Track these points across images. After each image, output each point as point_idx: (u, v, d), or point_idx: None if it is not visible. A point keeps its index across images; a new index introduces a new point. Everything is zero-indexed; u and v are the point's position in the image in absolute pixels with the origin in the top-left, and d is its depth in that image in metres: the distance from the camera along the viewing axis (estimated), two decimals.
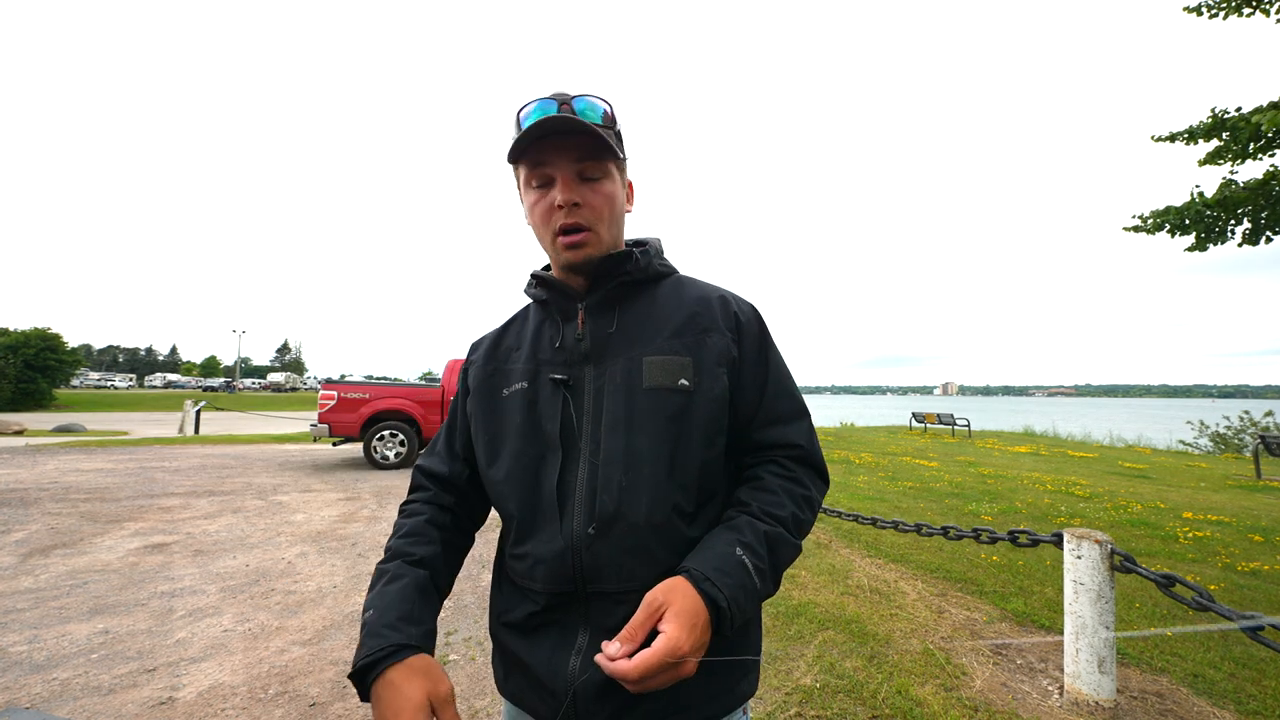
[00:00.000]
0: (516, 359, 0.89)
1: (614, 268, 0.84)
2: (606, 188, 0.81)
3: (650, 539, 0.73)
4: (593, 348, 0.82)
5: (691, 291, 0.88)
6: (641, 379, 0.78)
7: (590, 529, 0.73)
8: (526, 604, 0.78)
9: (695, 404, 0.77)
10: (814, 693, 2.39)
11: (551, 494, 0.76)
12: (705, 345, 0.81)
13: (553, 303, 0.88)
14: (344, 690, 2.41)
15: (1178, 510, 6.21)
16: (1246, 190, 4.53)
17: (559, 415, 0.79)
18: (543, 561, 0.75)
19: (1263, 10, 4.33)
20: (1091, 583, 2.37)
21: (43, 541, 4.39)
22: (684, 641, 0.60)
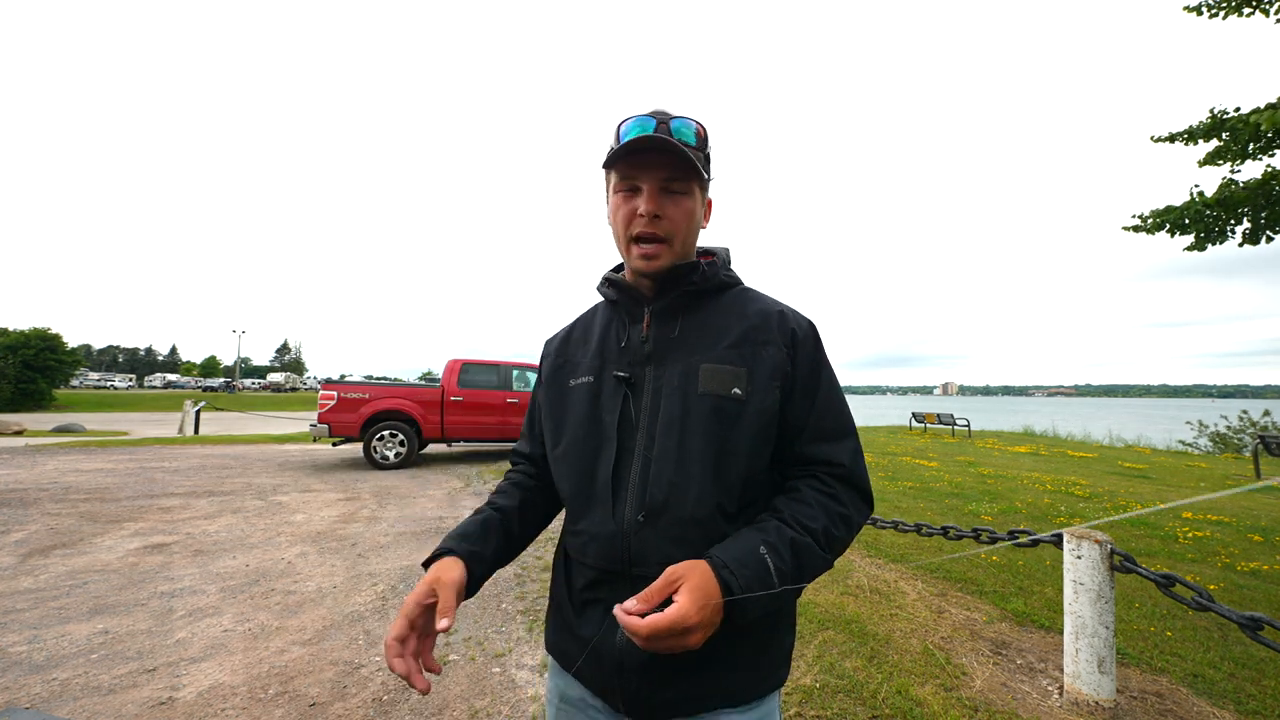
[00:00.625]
0: (584, 354, 0.97)
1: (681, 277, 0.90)
2: (687, 204, 0.86)
3: (693, 531, 0.79)
4: (655, 350, 0.89)
5: (752, 305, 0.92)
6: (697, 384, 0.84)
7: (640, 516, 0.81)
8: (580, 576, 0.88)
9: (746, 413, 0.82)
10: (814, 692, 2.39)
11: (606, 481, 0.84)
12: (760, 358, 0.85)
13: (621, 304, 0.96)
14: (344, 690, 2.41)
15: (1177, 510, 6.21)
16: (1246, 190, 4.53)
17: (618, 410, 0.87)
18: (595, 540, 0.84)
19: (1262, 10, 4.33)
20: (1091, 583, 2.37)
21: (42, 542, 4.39)
22: (692, 615, 0.65)
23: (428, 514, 5.62)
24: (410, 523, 5.24)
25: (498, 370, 9.51)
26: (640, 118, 0.85)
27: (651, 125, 0.84)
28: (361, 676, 2.53)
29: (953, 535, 2.99)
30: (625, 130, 0.85)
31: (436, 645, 2.81)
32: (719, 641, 0.75)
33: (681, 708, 0.79)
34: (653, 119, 0.85)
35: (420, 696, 2.38)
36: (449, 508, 5.90)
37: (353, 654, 2.73)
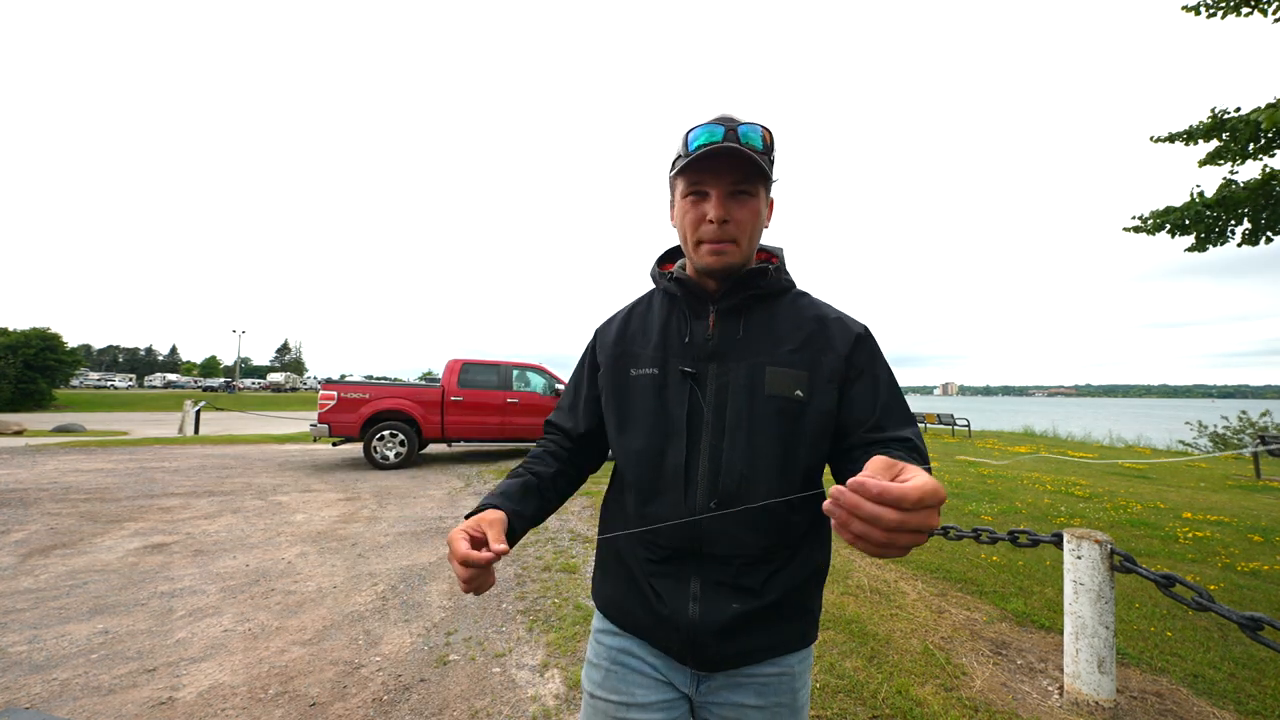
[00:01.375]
0: (645, 344, 1.01)
1: (750, 280, 0.95)
2: (753, 205, 0.89)
3: (762, 518, 0.88)
4: (721, 348, 0.94)
5: (810, 310, 0.98)
6: (764, 385, 0.90)
7: (712, 504, 0.88)
8: (648, 550, 0.94)
9: (807, 414, 0.89)
10: (814, 693, 2.39)
11: (678, 470, 0.90)
12: (820, 363, 0.91)
13: (684, 299, 0.99)
14: (344, 690, 2.41)
15: (1177, 510, 6.21)
16: (1246, 190, 4.53)
17: (686, 404, 0.92)
18: (667, 527, 0.91)
19: (1261, 10, 4.33)
20: (1091, 583, 2.37)
21: (42, 542, 4.39)
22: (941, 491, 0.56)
23: (428, 514, 5.61)
24: (410, 523, 5.24)
25: (498, 370, 9.50)
26: (708, 125, 0.87)
27: (720, 133, 0.86)
28: (362, 676, 2.53)
29: (953, 536, 2.99)
30: (694, 137, 0.87)
31: (436, 646, 2.82)
32: (773, 600, 0.89)
33: (749, 657, 0.90)
34: (721, 126, 0.86)
35: (420, 696, 2.39)
36: (449, 508, 5.90)
37: (353, 654, 2.73)
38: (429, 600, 3.43)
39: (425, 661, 2.68)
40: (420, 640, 2.90)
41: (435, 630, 3.01)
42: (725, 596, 0.89)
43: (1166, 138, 5.09)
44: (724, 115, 0.89)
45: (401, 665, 2.63)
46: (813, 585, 0.96)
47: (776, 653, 0.92)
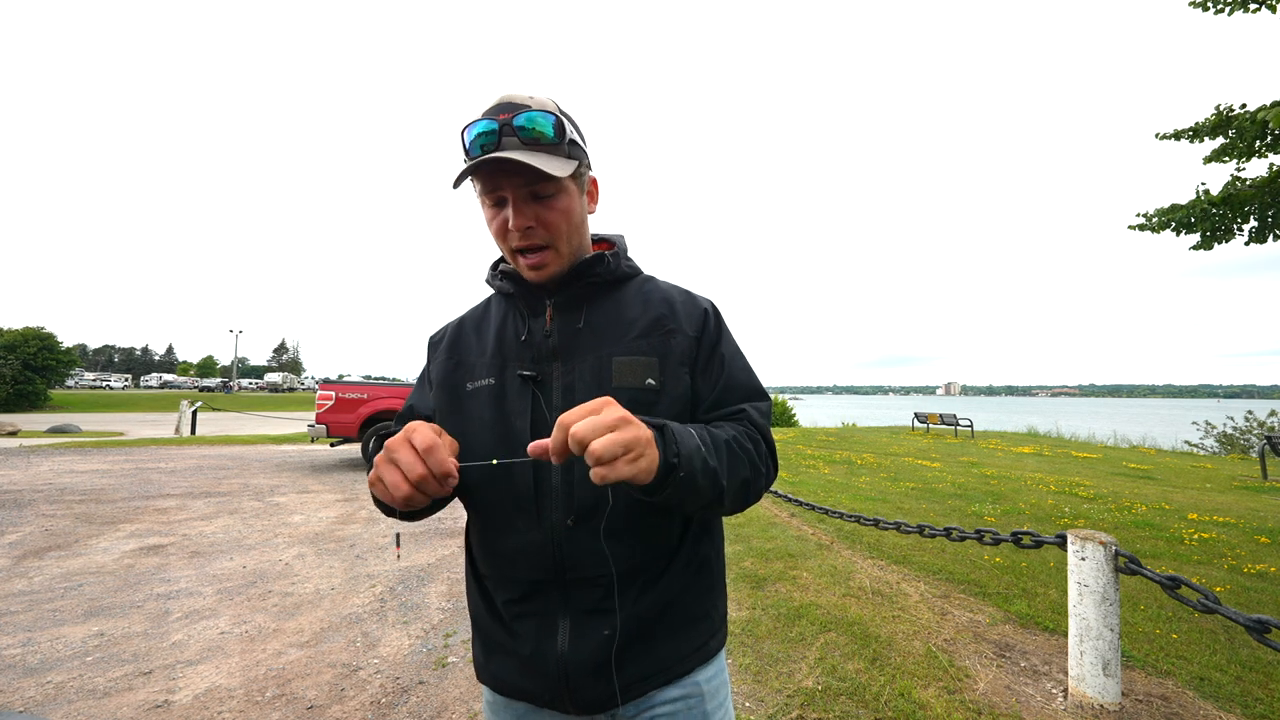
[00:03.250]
0: (480, 353, 0.91)
1: (583, 271, 0.87)
2: (561, 203, 0.81)
3: (626, 531, 0.79)
4: (561, 344, 0.85)
5: (656, 293, 0.92)
6: (611, 378, 0.82)
7: (569, 521, 0.79)
8: (503, 591, 0.84)
9: (661, 402, 0.82)
10: (816, 695, 2.36)
11: (528, 490, 0.80)
12: (670, 346, 0.85)
13: (519, 297, 0.90)
14: (342, 693, 2.39)
15: (1183, 511, 6.18)
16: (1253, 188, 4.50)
17: (529, 412, 0.82)
18: (523, 552, 0.81)
19: (1269, 6, 4.30)
20: (1096, 585, 2.34)
21: (37, 543, 4.37)
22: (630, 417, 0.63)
23: None
24: (409, 525, 5.21)
25: None
26: (482, 120, 0.77)
27: (494, 129, 0.76)
28: (360, 679, 2.51)
29: (955, 537, 2.97)
30: (469, 138, 0.77)
31: (434, 648, 2.79)
32: (653, 616, 0.80)
33: (640, 687, 0.80)
34: (495, 121, 0.76)
35: (419, 698, 2.36)
36: (448, 508, 5.87)
37: (351, 656, 2.71)
38: (428, 602, 3.41)
39: (424, 664, 2.66)
40: (419, 642, 2.87)
41: (434, 632, 2.99)
42: (595, 623, 0.79)
43: (1172, 135, 5.07)
44: (503, 99, 0.79)
45: (400, 667, 2.61)
46: (704, 584, 0.87)
47: (673, 674, 0.82)
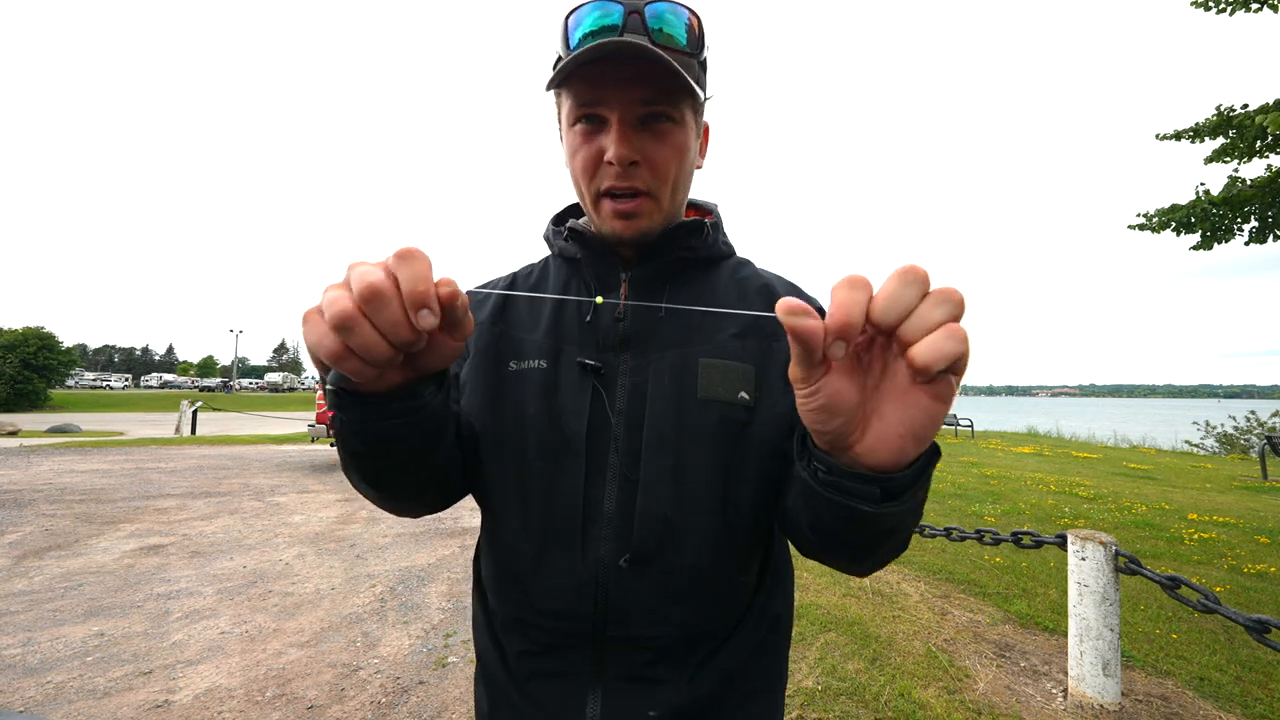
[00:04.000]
0: (531, 327, 0.71)
1: (674, 240, 0.69)
2: (677, 138, 0.62)
3: (696, 581, 0.63)
4: (635, 331, 0.67)
5: (755, 282, 0.74)
6: (696, 385, 0.65)
7: (623, 562, 0.61)
8: (519, 639, 0.67)
9: (755, 424, 0.64)
10: (816, 695, 2.37)
11: (574, 510, 0.63)
12: (773, 352, 0.67)
13: (588, 265, 0.71)
14: (342, 693, 2.39)
15: (1183, 511, 6.19)
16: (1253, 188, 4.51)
17: (587, 413, 0.64)
18: (555, 594, 0.63)
19: (1271, 6, 4.31)
20: (1096, 585, 2.34)
21: (37, 543, 4.37)
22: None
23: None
24: (409, 523, 5.21)
25: None
26: (599, 3, 0.59)
27: (618, 14, 0.58)
28: (360, 679, 2.51)
29: (955, 537, 2.97)
30: (576, 23, 0.59)
31: (435, 648, 2.79)
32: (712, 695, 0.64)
33: None
34: (619, 4, 0.58)
35: (419, 698, 2.36)
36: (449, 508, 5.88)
37: (351, 656, 2.71)
38: (428, 602, 3.41)
39: (424, 664, 2.66)
40: (419, 642, 2.87)
41: (434, 632, 2.99)
42: (638, 696, 0.63)
43: (1173, 135, 5.08)
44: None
45: (400, 667, 2.61)
46: (775, 649, 0.72)
47: None
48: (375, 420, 0.48)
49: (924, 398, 0.38)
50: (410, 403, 0.49)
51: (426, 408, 0.50)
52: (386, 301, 0.38)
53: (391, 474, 0.56)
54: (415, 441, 0.52)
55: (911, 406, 0.39)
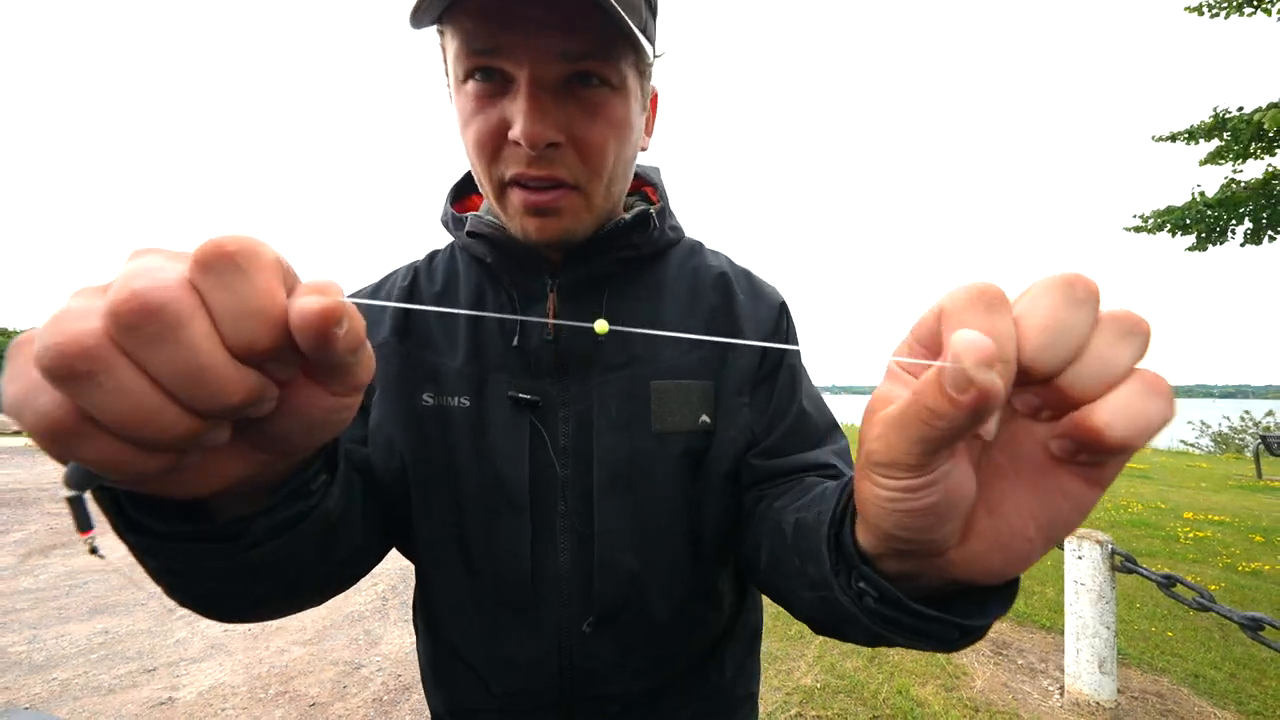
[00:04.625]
0: (447, 348, 0.56)
1: (613, 240, 0.55)
2: (615, 110, 0.47)
3: (668, 629, 0.56)
4: (572, 351, 0.55)
5: (709, 272, 0.62)
6: (649, 414, 0.54)
7: (586, 626, 0.54)
8: (473, 704, 0.58)
9: (714, 450, 0.56)
10: (814, 693, 2.39)
11: (523, 574, 0.53)
12: (728, 361, 0.57)
13: (503, 273, 0.56)
14: (344, 690, 2.41)
15: (1178, 510, 6.21)
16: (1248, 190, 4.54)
17: (526, 458, 0.53)
18: (513, 664, 0.55)
19: (1264, 10, 4.34)
20: (1092, 583, 2.36)
21: (42, 542, 4.40)
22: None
23: None
24: None
25: None
26: None
27: None
28: (362, 676, 2.53)
29: None
30: None
31: None
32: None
33: None
34: None
35: (420, 696, 2.38)
36: None
37: (353, 654, 2.73)
38: None
39: None
40: None
41: None
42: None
43: (1168, 137, 5.11)
44: None
45: (402, 665, 2.63)
46: (752, 662, 0.67)
47: None
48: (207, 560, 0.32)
49: (1074, 481, 0.25)
50: (274, 516, 0.32)
51: (308, 519, 0.34)
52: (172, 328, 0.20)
53: (248, 602, 0.39)
54: (288, 564, 0.36)
55: (1051, 493, 0.26)
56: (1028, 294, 0.24)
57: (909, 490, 0.25)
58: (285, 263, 0.24)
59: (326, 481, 0.35)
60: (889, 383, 0.28)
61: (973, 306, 0.24)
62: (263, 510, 0.32)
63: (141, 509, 0.30)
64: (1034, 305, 0.24)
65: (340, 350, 0.23)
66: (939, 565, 0.29)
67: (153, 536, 0.30)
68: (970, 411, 0.22)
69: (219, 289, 0.22)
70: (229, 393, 0.22)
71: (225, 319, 0.22)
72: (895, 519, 0.27)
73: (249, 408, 0.23)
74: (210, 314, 0.22)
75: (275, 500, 0.32)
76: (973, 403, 0.21)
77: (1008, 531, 0.27)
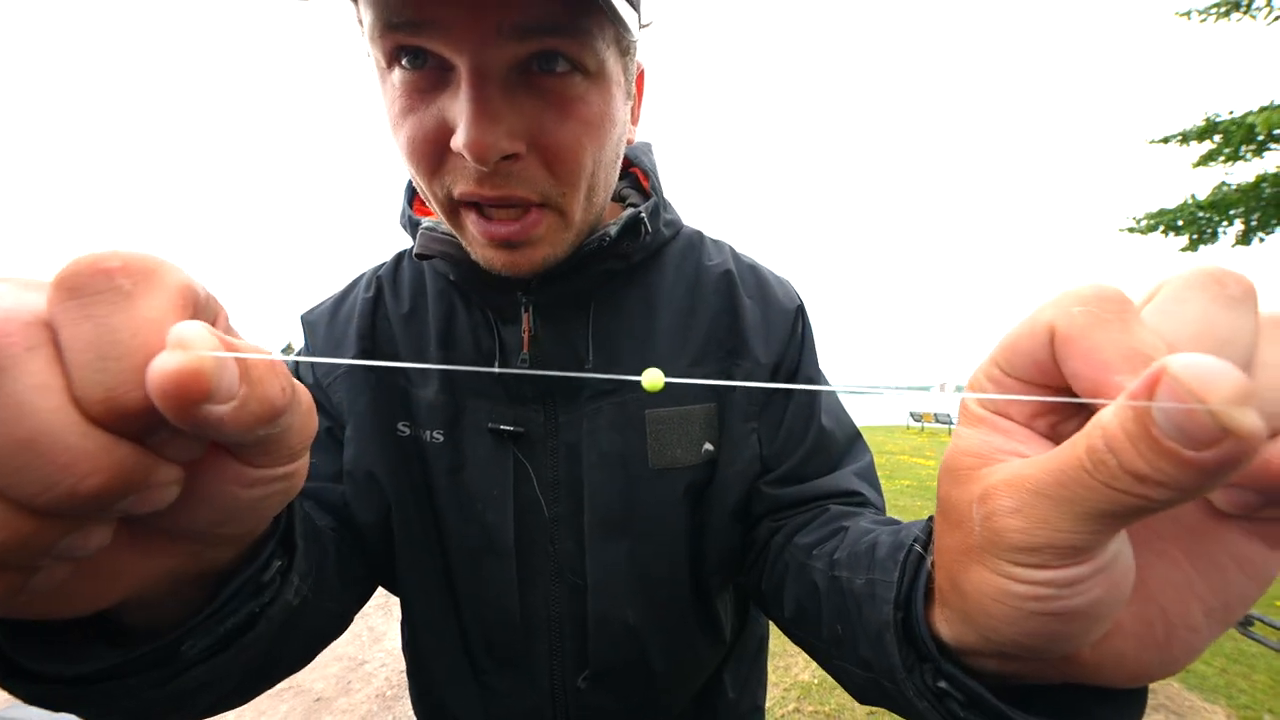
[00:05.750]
0: (418, 377, 0.50)
1: (603, 254, 0.47)
2: (591, 104, 0.37)
3: (669, 681, 0.52)
4: (549, 379, 0.48)
5: (708, 272, 0.53)
6: (645, 450, 0.48)
7: (581, 682, 0.50)
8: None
9: (718, 482, 0.50)
10: (812, 688, 2.42)
11: (514, 624, 0.50)
12: (732, 378, 0.51)
13: (473, 290, 0.50)
14: (348, 685, 2.44)
15: None
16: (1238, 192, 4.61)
17: (510, 498, 0.48)
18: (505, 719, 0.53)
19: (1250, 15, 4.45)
20: None
21: None
22: None
23: None
24: None
25: None
26: None
27: None
28: (366, 672, 2.56)
29: None
30: None
31: None
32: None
33: None
34: None
35: None
36: None
37: (357, 650, 2.76)
38: None
39: None
40: None
41: None
42: None
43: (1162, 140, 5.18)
44: None
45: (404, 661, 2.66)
46: (758, 673, 0.65)
47: None
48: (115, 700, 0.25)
49: (1247, 542, 0.19)
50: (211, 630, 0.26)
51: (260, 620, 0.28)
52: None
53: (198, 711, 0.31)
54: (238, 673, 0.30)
55: (1217, 562, 0.20)
56: (1162, 296, 0.18)
57: (1064, 585, 0.18)
58: (200, 293, 0.18)
59: (282, 568, 0.29)
60: (977, 431, 0.21)
61: (1104, 323, 0.17)
62: (198, 622, 0.25)
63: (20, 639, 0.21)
64: (1177, 311, 0.18)
65: (228, 429, 0.16)
66: (1062, 668, 0.22)
67: (42, 682, 0.22)
68: (1213, 472, 0.15)
69: (80, 322, 0.15)
70: (78, 475, 0.15)
71: (79, 364, 0.15)
72: (1032, 624, 0.19)
73: (120, 499, 0.16)
74: (60, 360, 0.15)
75: (213, 609, 0.25)
76: (1222, 460, 0.14)
77: (1164, 620, 0.20)
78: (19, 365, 0.14)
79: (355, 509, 0.49)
